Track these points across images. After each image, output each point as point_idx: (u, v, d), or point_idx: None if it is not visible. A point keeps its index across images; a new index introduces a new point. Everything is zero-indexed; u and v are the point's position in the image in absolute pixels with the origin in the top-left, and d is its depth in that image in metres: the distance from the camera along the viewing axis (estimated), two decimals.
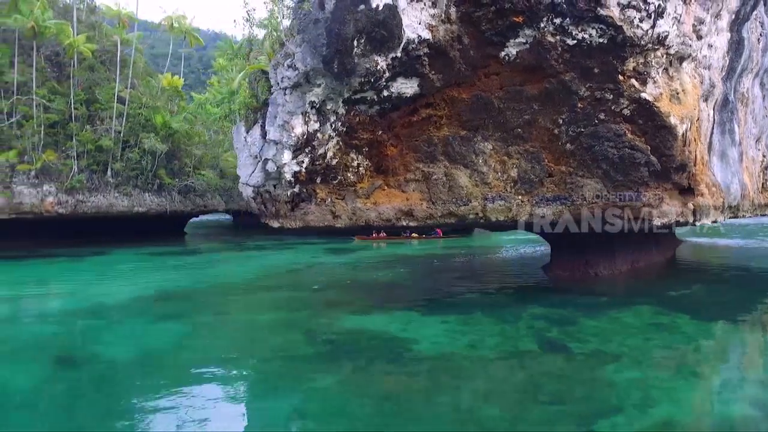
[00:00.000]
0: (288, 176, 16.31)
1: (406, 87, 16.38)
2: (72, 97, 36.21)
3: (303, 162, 16.24)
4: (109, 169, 37.53)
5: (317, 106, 15.77)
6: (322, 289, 21.37)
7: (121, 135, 37.52)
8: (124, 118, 38.12)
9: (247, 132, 16.86)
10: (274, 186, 16.70)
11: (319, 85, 15.39)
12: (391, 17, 14.49)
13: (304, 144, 16.05)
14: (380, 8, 14.33)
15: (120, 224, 40.89)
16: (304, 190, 16.84)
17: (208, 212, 47.60)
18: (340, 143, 16.78)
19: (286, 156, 16.02)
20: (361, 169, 17.43)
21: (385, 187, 17.61)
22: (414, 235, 42.51)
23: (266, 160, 16.36)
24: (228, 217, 67.40)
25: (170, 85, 41.76)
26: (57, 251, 33.58)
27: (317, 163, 16.52)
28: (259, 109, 16.78)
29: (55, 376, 11.38)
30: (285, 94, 15.60)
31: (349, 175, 17.27)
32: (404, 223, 17.44)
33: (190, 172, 41.21)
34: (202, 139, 41.92)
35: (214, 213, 50.28)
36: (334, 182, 17.20)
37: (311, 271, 26.38)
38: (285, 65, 15.31)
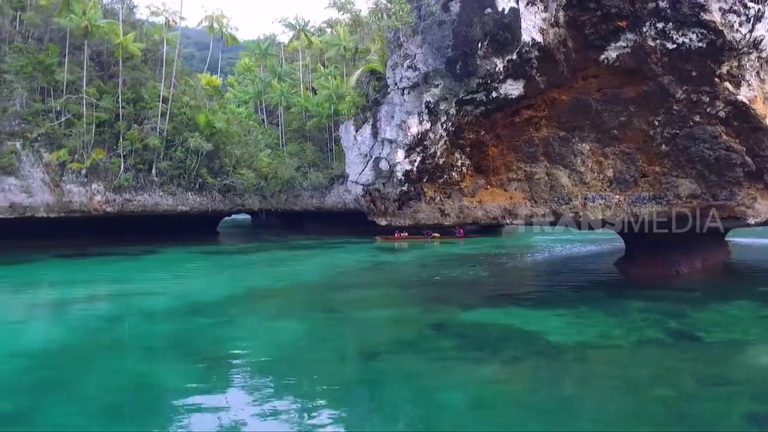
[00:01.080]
0: (399, 175, 17.15)
1: (513, 88, 17.25)
2: (120, 95, 36.93)
3: (415, 161, 17.10)
4: (153, 168, 38.23)
5: (431, 106, 16.62)
6: (436, 283, 22.51)
7: (165, 134, 38.24)
8: (168, 117, 38.84)
9: (357, 131, 17.69)
10: (384, 184, 17.52)
11: (437, 86, 16.26)
12: (515, 20, 15.38)
13: (417, 143, 16.90)
14: (506, 12, 15.22)
15: (155, 223, 41.44)
16: (413, 189, 17.69)
17: (244, 211, 48.22)
18: (447, 143, 17.66)
19: (400, 155, 16.87)
20: (463, 168, 18.32)
21: (488, 186, 18.50)
22: (435, 235, 43.00)
23: (377, 158, 17.20)
24: (247, 216, 67.92)
25: (209, 84, 42.52)
26: (107, 250, 34.16)
27: (427, 162, 17.38)
28: (369, 108, 17.63)
29: (211, 376, 11.50)
30: (403, 94, 16.45)
31: (453, 174, 18.15)
32: (508, 222, 18.32)
33: (230, 171, 41.92)
34: (242, 139, 42.68)
35: (235, 213, 50.85)
36: (440, 181, 18.08)
37: (386, 269, 27.22)
38: (404, 66, 16.17)
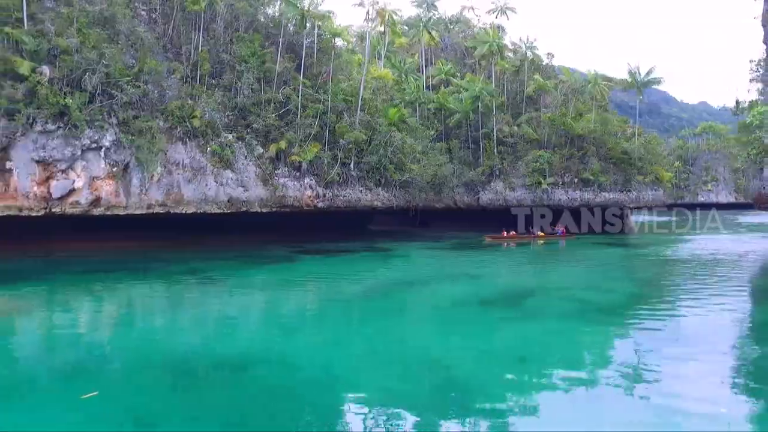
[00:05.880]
0: None
1: None
2: (330, 88, 36.86)
3: None
4: (351, 162, 38.27)
5: None
6: None
7: (362, 128, 38.32)
8: (359, 110, 38.93)
9: None
10: None
11: None
12: None
13: None
14: None
15: (307, 220, 41.35)
16: None
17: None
18: None
19: None
20: None
21: None
22: (540, 234, 44.22)
23: None
24: None
25: (379, 77, 42.66)
26: (323, 246, 34.48)
27: None
28: None
29: None
30: None
31: None
32: None
33: (405, 167, 42.06)
34: (421, 134, 43.02)
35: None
36: None
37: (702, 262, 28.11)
38: None
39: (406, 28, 61.58)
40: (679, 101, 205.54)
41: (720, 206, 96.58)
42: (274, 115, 35.16)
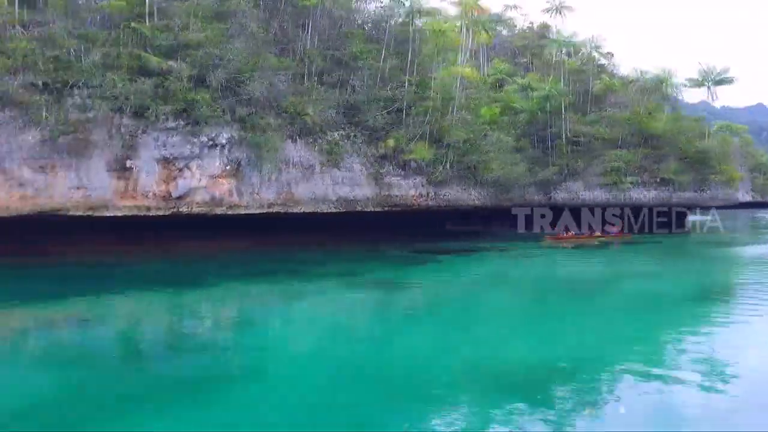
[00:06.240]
0: None
1: None
2: (432, 85, 36.51)
3: None
4: (448, 162, 37.98)
5: None
6: None
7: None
8: (455, 110, 38.63)
9: None
10: None
11: None
12: None
13: None
14: None
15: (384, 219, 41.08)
16: None
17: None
18: None
19: None
20: None
21: None
22: (597, 234, 44.39)
23: None
24: None
25: (469, 76, 42.34)
26: (432, 246, 34.21)
27: None
28: None
29: None
30: None
31: None
32: None
33: (490, 166, 41.82)
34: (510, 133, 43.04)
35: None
36: None
37: None
38: None
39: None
40: (680, 100, 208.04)
41: (742, 205, 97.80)
42: (383, 113, 34.72)
